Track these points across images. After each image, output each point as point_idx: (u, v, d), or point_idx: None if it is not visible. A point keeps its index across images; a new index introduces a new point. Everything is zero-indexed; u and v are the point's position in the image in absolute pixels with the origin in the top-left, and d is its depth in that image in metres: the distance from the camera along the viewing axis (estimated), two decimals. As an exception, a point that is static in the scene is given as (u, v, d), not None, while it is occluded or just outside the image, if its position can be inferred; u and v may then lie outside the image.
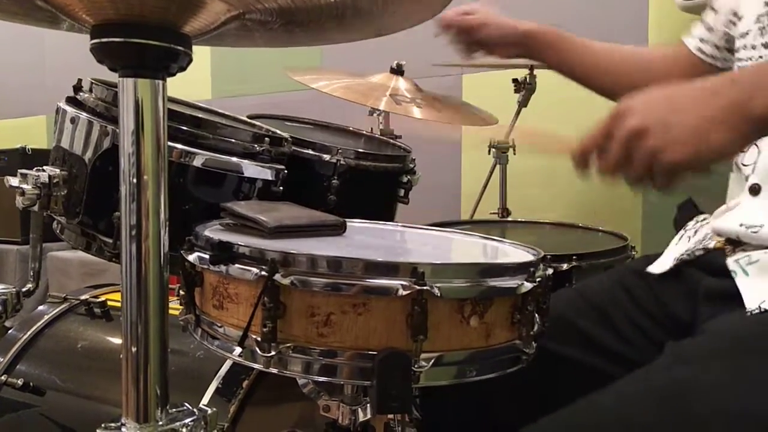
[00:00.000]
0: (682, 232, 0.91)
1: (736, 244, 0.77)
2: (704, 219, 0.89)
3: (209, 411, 0.72)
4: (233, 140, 0.97)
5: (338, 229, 0.81)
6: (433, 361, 0.62)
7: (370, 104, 1.40)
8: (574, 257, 1.14)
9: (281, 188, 1.01)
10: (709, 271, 0.79)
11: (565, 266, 1.13)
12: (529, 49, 1.17)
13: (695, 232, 0.87)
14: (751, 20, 0.86)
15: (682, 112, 0.61)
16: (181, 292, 0.73)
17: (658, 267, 0.87)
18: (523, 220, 1.69)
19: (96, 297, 1.16)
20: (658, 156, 0.61)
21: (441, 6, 0.67)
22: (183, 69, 0.65)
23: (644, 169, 0.63)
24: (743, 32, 0.88)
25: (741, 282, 0.72)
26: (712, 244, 0.81)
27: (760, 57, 0.82)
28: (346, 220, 0.83)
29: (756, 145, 0.81)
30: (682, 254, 0.84)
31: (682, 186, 0.64)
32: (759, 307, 0.68)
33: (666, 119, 0.61)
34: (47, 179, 0.92)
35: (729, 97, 0.61)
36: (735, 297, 0.71)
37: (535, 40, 1.15)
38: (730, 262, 0.74)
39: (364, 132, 1.48)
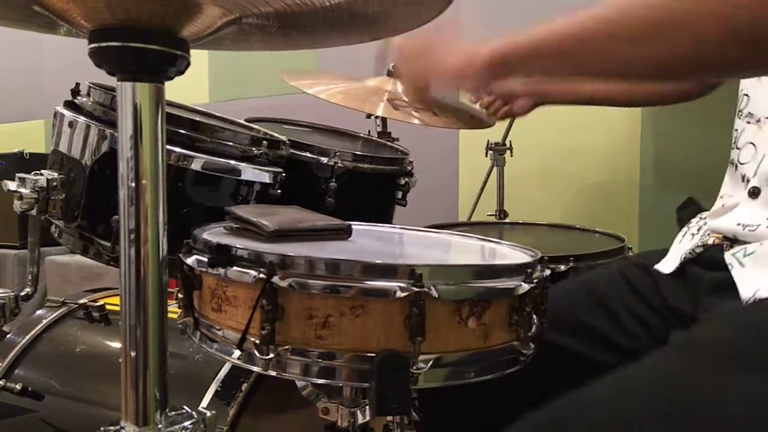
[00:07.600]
0: (685, 229, 0.93)
1: (733, 241, 0.79)
2: (706, 217, 0.90)
3: (208, 414, 0.72)
4: (231, 143, 0.97)
5: (343, 234, 0.80)
6: (431, 362, 0.62)
7: (367, 110, 1.40)
8: (571, 258, 1.14)
9: (279, 191, 1.02)
10: (709, 266, 0.82)
11: (562, 267, 1.13)
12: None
13: (698, 229, 0.88)
14: None
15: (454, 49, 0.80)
16: (180, 296, 0.73)
17: (667, 266, 0.88)
18: (520, 221, 1.69)
19: (94, 301, 1.17)
20: (439, 63, 0.81)
21: (437, 10, 0.68)
22: (181, 73, 0.65)
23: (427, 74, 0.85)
24: None
25: (736, 273, 0.75)
26: (711, 241, 0.83)
27: None
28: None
29: (753, 145, 0.82)
30: (687, 252, 0.85)
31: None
32: (753, 296, 0.70)
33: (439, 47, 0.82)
34: (45, 183, 0.93)
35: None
36: (733, 288, 0.73)
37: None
38: (728, 256, 0.77)
39: (362, 134, 1.48)
